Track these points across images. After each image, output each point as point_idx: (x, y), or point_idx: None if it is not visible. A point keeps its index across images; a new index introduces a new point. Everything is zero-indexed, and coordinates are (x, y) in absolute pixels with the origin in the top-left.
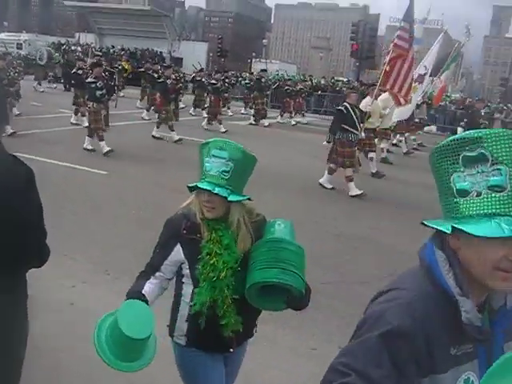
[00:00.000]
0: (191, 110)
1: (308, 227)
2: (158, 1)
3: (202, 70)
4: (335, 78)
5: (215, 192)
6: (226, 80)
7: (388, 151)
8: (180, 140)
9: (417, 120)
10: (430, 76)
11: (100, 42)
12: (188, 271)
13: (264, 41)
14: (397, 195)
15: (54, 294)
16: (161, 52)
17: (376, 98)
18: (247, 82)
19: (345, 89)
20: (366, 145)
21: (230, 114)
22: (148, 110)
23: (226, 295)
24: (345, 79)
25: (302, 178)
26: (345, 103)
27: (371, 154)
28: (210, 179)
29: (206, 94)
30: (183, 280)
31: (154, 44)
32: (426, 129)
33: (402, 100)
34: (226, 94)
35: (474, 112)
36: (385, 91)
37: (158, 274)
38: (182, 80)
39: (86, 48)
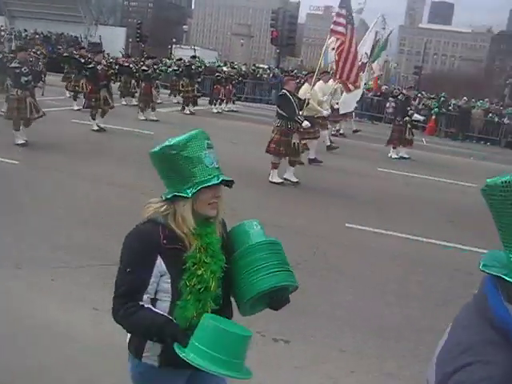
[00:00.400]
0: (123, 100)
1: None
2: None
3: (128, 55)
4: (256, 64)
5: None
6: (155, 66)
7: None
8: (102, 130)
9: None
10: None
11: (11, 24)
12: (169, 285)
13: (185, 27)
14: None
15: None
16: (76, 37)
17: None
18: (175, 68)
19: (265, 76)
20: (305, 133)
21: (159, 101)
22: (75, 100)
23: (207, 308)
24: (265, 66)
25: (227, 166)
26: (284, 90)
27: (313, 142)
28: (218, 172)
29: (132, 81)
30: (157, 296)
31: (69, 28)
32: None
33: (351, 87)
34: (158, 81)
35: (407, 100)
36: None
37: (145, 296)
38: (113, 66)
39: None
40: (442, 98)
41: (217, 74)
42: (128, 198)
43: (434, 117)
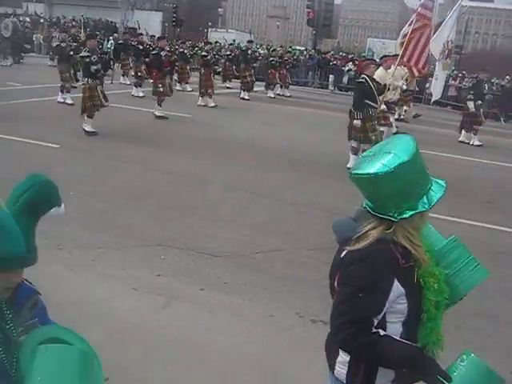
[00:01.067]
0: (177, 85)
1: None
2: None
3: (184, 41)
4: (292, 46)
5: None
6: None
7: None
8: (164, 117)
9: (411, 90)
10: None
11: (50, 11)
12: (403, 305)
13: (220, 10)
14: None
15: None
16: (114, 22)
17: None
18: (228, 53)
19: (302, 58)
20: (381, 118)
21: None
22: (136, 86)
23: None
24: (302, 48)
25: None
26: (363, 75)
27: (383, 128)
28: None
29: (188, 67)
30: (387, 318)
31: (106, 14)
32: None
33: (415, 72)
34: (216, 67)
35: (479, 83)
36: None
37: (375, 321)
38: (177, 52)
39: (36, 19)
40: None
41: (271, 58)
42: (169, 182)
43: None
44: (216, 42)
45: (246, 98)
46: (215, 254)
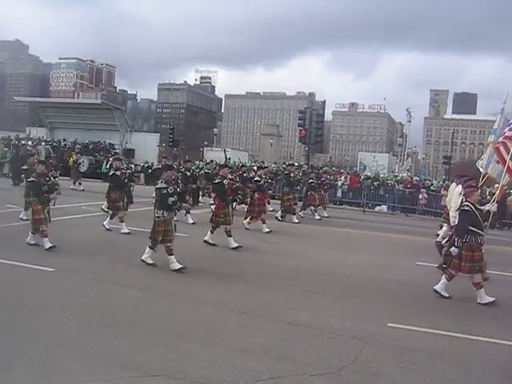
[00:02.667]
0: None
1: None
2: (112, 95)
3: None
4: (286, 162)
5: None
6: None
7: None
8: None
9: None
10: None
11: (51, 135)
12: None
13: (215, 130)
14: None
15: None
16: (113, 144)
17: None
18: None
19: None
20: None
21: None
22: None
23: None
24: (296, 163)
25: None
26: (467, 203)
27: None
28: None
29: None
30: None
31: (106, 136)
32: (376, 208)
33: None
34: (270, 191)
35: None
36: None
37: None
38: (197, 174)
39: (38, 142)
40: None
41: (310, 180)
42: (160, 304)
43: None
44: (211, 161)
45: (296, 221)
46: None
